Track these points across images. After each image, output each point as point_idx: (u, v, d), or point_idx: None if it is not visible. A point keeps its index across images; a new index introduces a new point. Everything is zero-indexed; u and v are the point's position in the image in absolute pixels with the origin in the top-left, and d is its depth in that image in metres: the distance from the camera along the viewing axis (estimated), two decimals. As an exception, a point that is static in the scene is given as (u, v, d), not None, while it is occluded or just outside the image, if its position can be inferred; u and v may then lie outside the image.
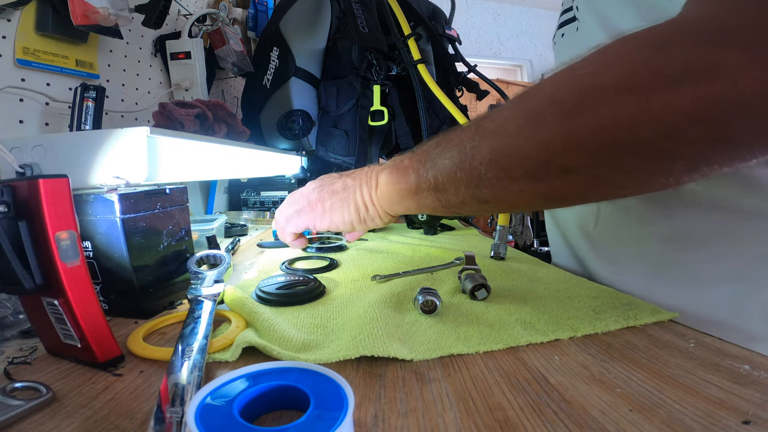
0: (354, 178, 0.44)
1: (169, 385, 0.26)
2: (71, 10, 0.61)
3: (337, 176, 0.46)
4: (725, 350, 0.31)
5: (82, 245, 0.30)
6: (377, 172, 0.41)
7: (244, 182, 1.18)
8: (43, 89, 0.64)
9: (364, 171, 0.43)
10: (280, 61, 1.07)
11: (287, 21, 1.08)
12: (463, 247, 0.71)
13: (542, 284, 0.49)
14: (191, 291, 0.41)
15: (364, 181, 0.42)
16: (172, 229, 0.45)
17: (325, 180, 0.47)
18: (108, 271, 0.40)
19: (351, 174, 0.45)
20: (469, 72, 1.12)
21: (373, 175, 0.42)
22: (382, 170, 0.41)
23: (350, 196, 0.43)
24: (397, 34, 0.94)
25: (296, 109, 1.05)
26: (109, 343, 0.31)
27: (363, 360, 0.31)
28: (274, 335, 0.34)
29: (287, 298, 0.44)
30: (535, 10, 4.25)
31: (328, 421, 0.21)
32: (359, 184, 0.42)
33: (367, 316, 0.37)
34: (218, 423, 0.21)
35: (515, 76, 4.30)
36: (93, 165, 0.44)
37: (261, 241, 0.79)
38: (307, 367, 0.26)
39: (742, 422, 0.22)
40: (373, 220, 0.43)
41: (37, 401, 0.25)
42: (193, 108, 0.70)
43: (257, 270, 0.58)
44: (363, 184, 0.42)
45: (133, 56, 0.86)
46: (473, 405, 0.25)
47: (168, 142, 0.53)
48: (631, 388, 0.26)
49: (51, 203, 0.28)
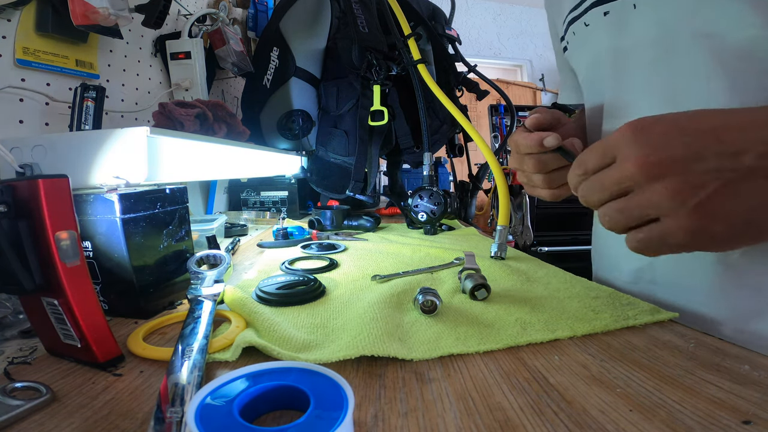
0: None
1: (169, 385, 0.26)
2: (71, 10, 0.61)
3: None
4: (725, 350, 0.31)
5: (82, 245, 0.30)
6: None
7: (244, 182, 1.18)
8: (43, 89, 0.64)
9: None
10: (280, 61, 1.07)
11: (287, 21, 1.08)
12: (463, 247, 0.71)
13: (542, 284, 0.49)
14: (191, 291, 0.41)
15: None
16: (172, 229, 0.45)
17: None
18: (108, 271, 0.40)
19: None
20: (469, 72, 1.12)
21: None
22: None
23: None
24: (397, 34, 0.94)
25: (296, 109, 1.06)
26: (109, 343, 0.31)
27: (363, 360, 0.31)
28: (274, 335, 0.34)
29: (287, 298, 0.44)
30: (535, 10, 4.25)
31: (328, 421, 0.21)
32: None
33: (367, 316, 0.37)
34: (218, 423, 0.21)
35: (515, 76, 4.30)
36: (93, 165, 0.44)
37: (261, 241, 0.79)
38: (307, 367, 0.26)
39: (742, 422, 0.22)
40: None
41: (37, 401, 0.25)
42: (193, 108, 0.70)
43: (257, 270, 0.58)
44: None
45: (133, 56, 0.86)
46: (473, 405, 0.25)
47: (168, 142, 0.53)
48: (631, 388, 0.26)
49: (51, 203, 0.28)
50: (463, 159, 1.25)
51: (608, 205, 0.31)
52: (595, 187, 0.32)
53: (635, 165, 0.29)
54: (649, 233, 0.30)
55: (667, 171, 0.28)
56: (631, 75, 0.45)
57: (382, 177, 1.60)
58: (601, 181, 0.31)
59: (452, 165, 1.37)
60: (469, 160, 1.25)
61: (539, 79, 4.16)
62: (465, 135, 1.17)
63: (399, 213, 1.22)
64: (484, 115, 3.07)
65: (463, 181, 1.17)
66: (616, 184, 0.30)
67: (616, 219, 0.31)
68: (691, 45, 0.38)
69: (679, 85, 0.40)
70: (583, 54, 0.53)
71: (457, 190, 1.13)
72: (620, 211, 0.31)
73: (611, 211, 0.31)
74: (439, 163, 1.85)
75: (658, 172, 0.28)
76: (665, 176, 0.28)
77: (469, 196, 1.11)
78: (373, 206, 1.13)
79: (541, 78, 4.15)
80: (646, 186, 0.29)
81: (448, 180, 1.28)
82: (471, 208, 1.12)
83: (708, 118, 0.29)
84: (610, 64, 0.47)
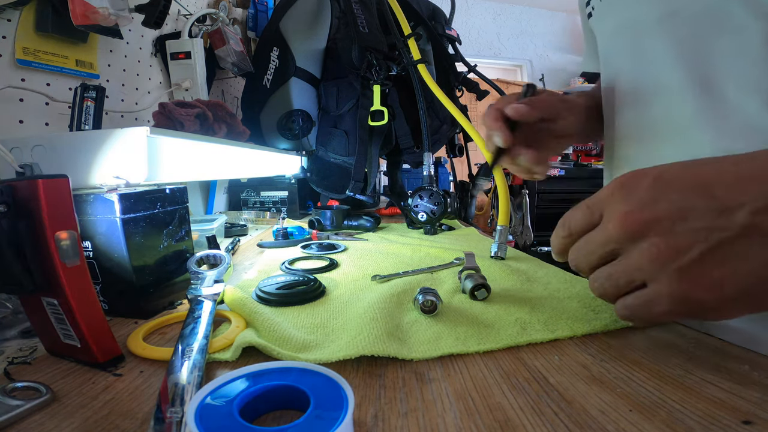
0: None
1: (169, 385, 0.26)
2: (71, 10, 0.61)
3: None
4: (725, 350, 0.31)
5: (82, 245, 0.30)
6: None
7: (244, 182, 1.18)
8: (43, 89, 0.64)
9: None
10: (280, 61, 1.07)
11: (287, 21, 1.08)
12: (463, 247, 0.71)
13: (542, 284, 0.49)
14: (191, 291, 0.41)
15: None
16: (172, 229, 0.45)
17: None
18: (108, 271, 0.40)
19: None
20: (469, 72, 1.12)
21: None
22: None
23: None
24: (397, 34, 0.94)
25: (296, 109, 1.06)
26: (109, 343, 0.31)
27: (363, 360, 0.31)
28: (274, 335, 0.34)
29: (287, 298, 0.44)
30: (535, 10, 4.25)
31: (328, 421, 0.21)
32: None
33: (367, 316, 0.37)
34: (218, 423, 0.21)
35: (515, 76, 4.30)
36: (93, 165, 0.44)
37: (261, 241, 0.79)
38: (307, 367, 0.26)
39: (742, 422, 0.22)
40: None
41: (37, 401, 0.25)
42: (193, 108, 0.70)
43: (257, 270, 0.58)
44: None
45: (133, 56, 0.86)
46: (473, 405, 0.25)
47: (168, 142, 0.53)
48: (631, 388, 0.26)
49: (51, 203, 0.28)
50: (463, 159, 1.25)
51: (598, 271, 0.29)
52: (583, 251, 0.29)
53: (618, 224, 0.26)
54: (634, 300, 0.27)
55: (649, 231, 0.25)
56: (658, 51, 0.41)
57: (382, 177, 1.60)
58: (587, 245, 0.29)
59: (452, 165, 1.37)
60: (469, 160, 1.25)
61: (539, 79, 4.16)
62: (465, 135, 1.17)
63: (399, 213, 1.22)
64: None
65: (463, 181, 1.17)
66: (602, 246, 0.28)
67: (605, 286, 0.28)
68: (746, 24, 0.34)
69: (717, 66, 0.36)
70: (607, 21, 0.49)
71: (457, 190, 1.13)
72: (608, 277, 0.28)
73: (601, 277, 0.29)
74: (439, 163, 1.85)
75: (639, 231, 0.26)
76: (647, 236, 0.25)
77: (469, 196, 1.11)
78: (373, 206, 1.13)
79: (541, 78, 4.15)
80: (630, 248, 0.26)
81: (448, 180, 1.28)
82: (471, 208, 1.12)
83: (701, 170, 0.26)
84: (634, 36, 0.43)
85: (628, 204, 0.26)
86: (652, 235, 0.25)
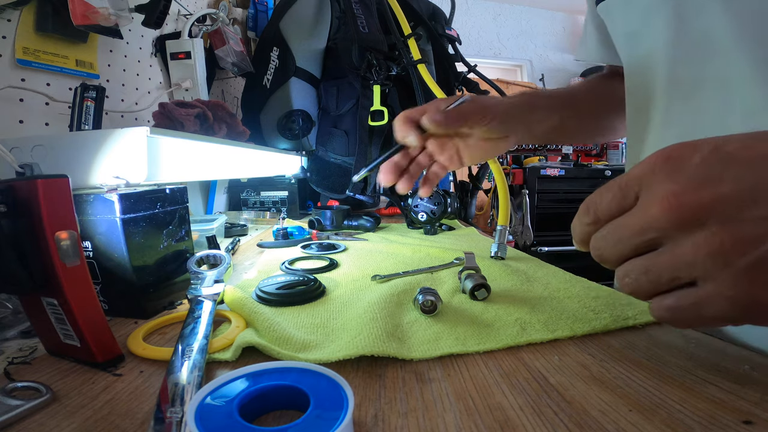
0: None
1: (169, 385, 0.26)
2: (71, 10, 0.61)
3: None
4: (725, 350, 0.31)
5: (82, 245, 0.30)
6: None
7: (244, 182, 1.18)
8: (43, 89, 0.64)
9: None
10: (280, 61, 1.07)
11: (287, 21, 1.08)
12: (463, 247, 0.71)
13: (542, 284, 0.49)
14: (191, 291, 0.41)
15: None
16: (172, 229, 0.45)
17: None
18: (108, 271, 0.40)
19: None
20: (469, 72, 1.12)
21: None
22: None
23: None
24: (397, 34, 0.94)
25: (296, 109, 1.06)
26: (109, 343, 0.31)
27: (363, 360, 0.31)
28: (274, 335, 0.34)
29: (287, 298, 0.44)
30: (535, 10, 4.25)
31: (328, 421, 0.21)
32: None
33: (367, 316, 0.37)
34: (218, 423, 0.21)
35: (515, 76, 4.30)
36: (93, 165, 0.44)
37: (261, 241, 0.79)
38: (307, 367, 0.26)
39: (742, 422, 0.22)
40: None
41: (37, 401, 0.25)
42: (193, 108, 0.70)
43: (257, 270, 0.58)
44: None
45: (133, 56, 0.86)
46: (473, 405, 0.25)
47: (168, 142, 0.53)
48: (631, 388, 0.26)
49: (50, 203, 0.28)
50: (463, 159, 1.25)
51: (630, 263, 0.24)
52: (612, 238, 0.24)
53: (663, 207, 0.21)
54: (679, 300, 0.22)
55: (708, 216, 0.20)
56: (710, 31, 0.36)
57: (382, 177, 1.60)
58: (619, 231, 0.24)
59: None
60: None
61: (539, 79, 4.16)
62: (465, 135, 1.17)
63: (399, 213, 1.22)
64: (484, 115, 3.06)
65: (463, 181, 1.17)
66: (639, 234, 0.23)
67: (640, 282, 0.23)
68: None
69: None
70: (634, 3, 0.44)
71: (457, 190, 1.13)
72: (646, 271, 0.23)
73: (635, 271, 0.24)
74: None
75: (694, 217, 0.20)
76: (704, 224, 0.20)
77: (469, 196, 1.11)
78: (373, 206, 1.13)
79: (541, 78, 4.15)
80: (679, 237, 0.21)
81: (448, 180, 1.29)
82: (471, 208, 1.12)
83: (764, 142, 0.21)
84: (679, 16, 0.38)
85: (678, 182, 0.21)
86: (712, 222, 0.20)
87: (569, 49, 4.31)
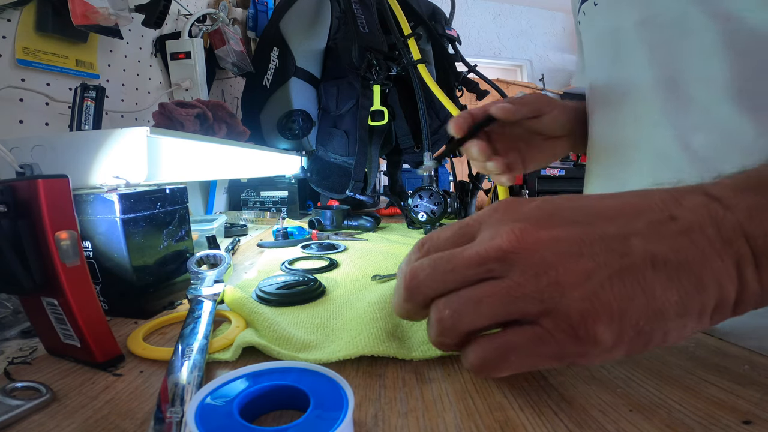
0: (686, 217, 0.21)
1: (169, 385, 0.26)
2: (71, 10, 0.61)
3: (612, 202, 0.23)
4: (725, 350, 0.31)
5: (82, 245, 0.30)
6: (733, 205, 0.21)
7: (244, 182, 1.18)
8: (43, 89, 0.64)
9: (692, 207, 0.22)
10: (280, 61, 1.07)
11: (287, 21, 1.08)
12: (463, 247, 0.71)
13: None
14: (191, 291, 0.41)
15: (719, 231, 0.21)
16: (172, 229, 0.45)
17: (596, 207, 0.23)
18: (108, 271, 0.40)
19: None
20: (469, 72, 1.12)
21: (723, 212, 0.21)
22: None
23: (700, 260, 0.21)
24: (397, 34, 0.94)
25: (296, 109, 1.06)
26: (109, 343, 0.31)
27: (363, 360, 0.31)
28: (274, 335, 0.34)
29: (287, 298, 0.44)
30: (535, 10, 4.25)
31: (328, 421, 0.21)
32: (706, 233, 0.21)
33: (367, 316, 0.37)
34: (218, 423, 0.21)
35: (515, 76, 4.30)
36: (93, 165, 0.44)
37: (261, 241, 0.79)
38: (307, 367, 0.26)
39: (742, 422, 0.22)
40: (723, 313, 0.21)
41: (37, 401, 0.25)
42: (193, 108, 0.70)
43: (257, 270, 0.58)
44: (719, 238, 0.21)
45: (133, 56, 0.86)
46: (473, 405, 0.25)
47: (168, 142, 0.54)
48: (631, 388, 0.26)
49: (51, 203, 0.28)
50: (463, 159, 1.25)
51: (456, 295, 0.22)
52: (442, 267, 0.23)
53: (510, 238, 0.21)
54: (510, 337, 0.22)
55: (546, 250, 0.21)
56: (632, 56, 0.42)
57: (382, 177, 1.60)
58: (453, 260, 0.22)
59: (452, 165, 1.37)
60: (469, 160, 1.25)
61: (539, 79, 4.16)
62: (465, 135, 1.16)
63: (399, 213, 1.22)
64: (484, 115, 3.07)
65: (463, 181, 1.17)
66: (477, 265, 0.22)
67: (461, 317, 0.22)
68: (705, 26, 0.36)
69: (682, 66, 0.38)
70: (592, 30, 0.50)
71: (457, 190, 1.13)
72: (478, 302, 0.22)
73: (461, 302, 0.22)
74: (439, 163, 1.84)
75: (533, 250, 0.21)
76: (543, 258, 0.21)
77: (469, 196, 1.11)
78: (373, 206, 1.13)
79: (541, 78, 4.15)
80: (513, 270, 0.21)
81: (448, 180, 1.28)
82: (471, 208, 1.12)
83: (585, 200, 0.24)
84: (613, 43, 0.44)
85: (520, 220, 0.22)
86: (550, 255, 0.21)
87: (569, 49, 4.31)
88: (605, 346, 0.21)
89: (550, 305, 0.20)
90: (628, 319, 0.20)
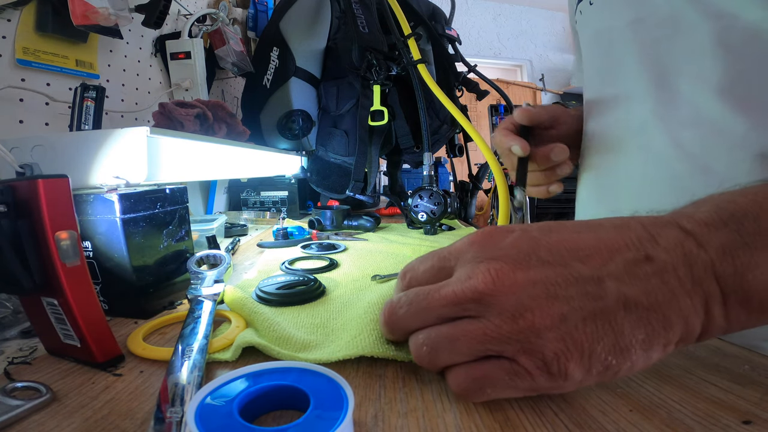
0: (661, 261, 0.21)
1: (169, 385, 0.26)
2: (71, 10, 0.61)
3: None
4: (725, 350, 0.31)
5: (82, 245, 0.30)
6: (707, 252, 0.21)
7: (244, 182, 1.18)
8: (43, 89, 0.64)
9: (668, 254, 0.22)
10: (280, 61, 1.07)
11: (287, 21, 1.08)
12: (463, 247, 0.71)
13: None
14: (191, 291, 0.41)
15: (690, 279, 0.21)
16: (172, 229, 0.45)
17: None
18: (108, 271, 0.40)
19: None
20: (469, 72, 1.12)
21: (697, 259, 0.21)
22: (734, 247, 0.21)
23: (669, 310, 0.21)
24: (397, 34, 0.94)
25: (296, 109, 1.06)
26: (109, 343, 0.31)
27: (363, 360, 0.31)
28: (274, 335, 0.34)
29: (287, 298, 0.44)
30: (535, 10, 4.25)
31: (328, 421, 0.21)
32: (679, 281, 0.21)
33: (367, 316, 0.37)
34: (218, 423, 0.21)
35: (515, 76, 4.30)
36: (93, 165, 0.44)
37: (261, 241, 0.79)
38: (307, 367, 0.26)
39: (742, 422, 0.22)
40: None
41: (37, 401, 0.25)
42: (193, 108, 0.70)
43: (257, 270, 0.58)
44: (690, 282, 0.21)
45: (133, 56, 0.86)
46: (473, 405, 0.25)
47: (168, 142, 0.54)
48: (631, 388, 0.26)
49: (51, 203, 0.28)
50: (463, 159, 1.25)
51: (433, 330, 0.24)
52: (416, 305, 0.24)
53: (486, 279, 0.22)
54: (488, 371, 0.22)
55: (522, 291, 0.21)
56: (624, 56, 0.43)
57: (382, 177, 1.60)
58: (429, 298, 0.24)
59: (452, 165, 1.37)
60: (469, 160, 1.25)
61: (539, 79, 4.16)
62: (465, 135, 1.17)
63: (399, 213, 1.22)
64: (484, 115, 3.07)
65: (463, 181, 1.17)
66: (453, 304, 0.23)
67: (440, 351, 0.23)
68: (697, 24, 0.36)
69: (673, 65, 0.38)
70: (586, 30, 0.50)
71: (457, 190, 1.13)
72: (453, 340, 0.23)
73: (437, 339, 0.23)
74: (439, 163, 1.85)
75: (509, 291, 0.21)
76: (520, 300, 0.21)
77: (469, 196, 1.11)
78: (373, 206, 1.13)
79: (541, 78, 4.16)
80: (489, 311, 0.22)
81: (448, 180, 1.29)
82: (471, 208, 1.12)
83: (563, 234, 0.24)
84: (607, 43, 0.45)
85: (495, 258, 0.23)
86: (526, 298, 0.21)
87: (569, 49, 4.31)
88: (575, 380, 0.22)
89: (527, 345, 0.21)
90: (597, 356, 0.21)
